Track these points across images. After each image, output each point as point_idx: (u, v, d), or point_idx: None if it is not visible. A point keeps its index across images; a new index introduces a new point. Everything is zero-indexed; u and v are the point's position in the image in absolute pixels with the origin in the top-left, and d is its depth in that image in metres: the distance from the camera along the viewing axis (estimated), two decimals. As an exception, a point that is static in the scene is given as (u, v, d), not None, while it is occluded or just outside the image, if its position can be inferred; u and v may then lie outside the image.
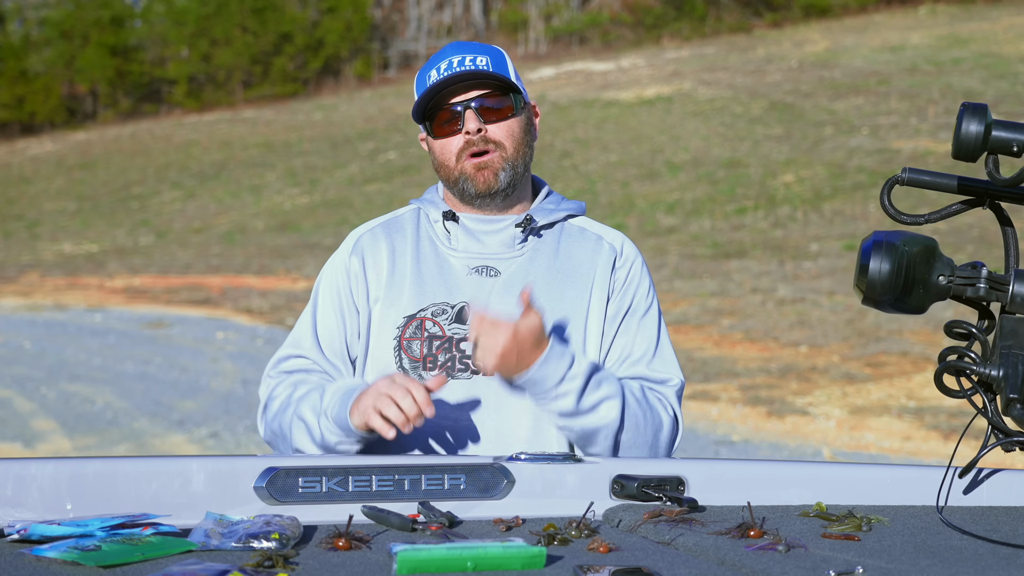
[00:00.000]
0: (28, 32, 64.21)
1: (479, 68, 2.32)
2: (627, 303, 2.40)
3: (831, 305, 15.02)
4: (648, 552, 1.76)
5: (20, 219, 34.75)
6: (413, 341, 2.33)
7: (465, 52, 2.36)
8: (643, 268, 2.44)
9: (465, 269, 2.36)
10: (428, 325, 2.33)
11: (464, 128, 2.32)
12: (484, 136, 2.32)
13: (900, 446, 9.06)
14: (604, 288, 2.38)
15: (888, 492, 2.11)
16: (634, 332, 2.39)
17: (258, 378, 11.72)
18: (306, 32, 59.25)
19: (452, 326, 2.33)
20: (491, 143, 2.32)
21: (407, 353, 2.32)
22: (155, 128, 50.39)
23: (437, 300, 2.34)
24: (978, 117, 1.88)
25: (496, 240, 2.37)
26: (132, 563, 1.64)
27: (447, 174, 2.37)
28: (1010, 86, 29.38)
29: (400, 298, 2.35)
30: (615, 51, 52.05)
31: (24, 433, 10.18)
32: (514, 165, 2.35)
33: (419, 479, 2.03)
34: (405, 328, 2.33)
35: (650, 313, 2.42)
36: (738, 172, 26.17)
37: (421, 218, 2.45)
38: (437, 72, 2.34)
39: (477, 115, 2.31)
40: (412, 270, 2.37)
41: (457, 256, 2.37)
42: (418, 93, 2.38)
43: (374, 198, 29.63)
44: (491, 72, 2.31)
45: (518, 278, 2.35)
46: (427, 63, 2.41)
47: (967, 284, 1.94)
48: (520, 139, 2.36)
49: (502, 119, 2.33)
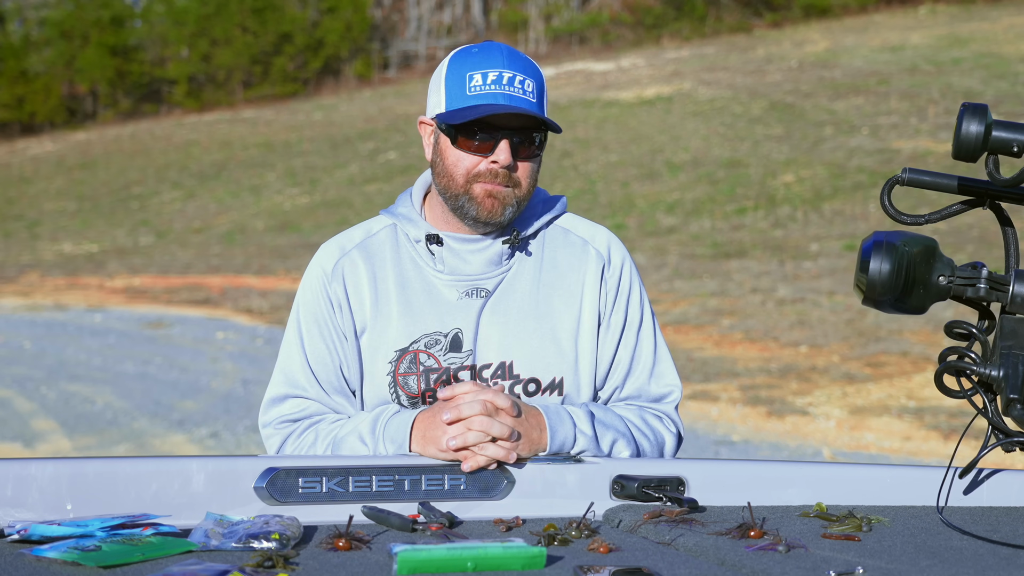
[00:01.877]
0: (28, 32, 64.21)
1: (528, 97, 2.21)
2: (622, 317, 2.35)
3: (831, 305, 15.02)
4: (648, 552, 1.76)
5: (20, 219, 34.76)
6: (409, 376, 2.25)
7: (516, 69, 2.22)
8: (632, 272, 2.39)
9: (455, 294, 2.27)
10: (423, 358, 2.25)
11: (493, 157, 2.21)
12: (508, 172, 2.22)
13: (900, 446, 9.06)
14: (594, 300, 2.32)
15: (888, 492, 2.11)
16: (632, 347, 2.36)
17: (259, 378, 11.65)
18: (306, 32, 59.25)
19: (447, 356, 2.26)
20: (512, 179, 2.23)
21: (404, 390, 2.25)
22: (155, 128, 50.40)
23: (429, 330, 2.25)
24: (978, 117, 1.87)
25: (482, 259, 2.29)
26: (132, 563, 1.64)
27: (450, 186, 2.25)
28: (1010, 86, 29.38)
29: (388, 330, 2.26)
30: (615, 51, 52.06)
31: (24, 433, 10.18)
32: (522, 203, 2.27)
33: (419, 479, 2.03)
34: (399, 363, 2.25)
35: (645, 322, 2.38)
36: (738, 172, 26.17)
37: (399, 237, 2.33)
38: (483, 80, 2.20)
39: (512, 149, 2.21)
40: (398, 298, 2.27)
41: (444, 280, 2.28)
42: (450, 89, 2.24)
43: (374, 198, 29.64)
44: (539, 115, 2.21)
45: (505, 296, 2.29)
46: (466, 57, 2.26)
47: (967, 284, 1.94)
48: (534, 181, 2.28)
49: (529, 157, 2.24)
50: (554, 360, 2.28)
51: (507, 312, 2.28)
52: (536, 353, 2.27)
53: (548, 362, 2.28)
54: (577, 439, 2.17)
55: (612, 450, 2.22)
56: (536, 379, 2.27)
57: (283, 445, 2.29)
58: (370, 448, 2.18)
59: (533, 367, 2.27)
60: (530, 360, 2.27)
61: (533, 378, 2.27)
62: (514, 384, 2.26)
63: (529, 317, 2.28)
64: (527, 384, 2.27)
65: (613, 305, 2.35)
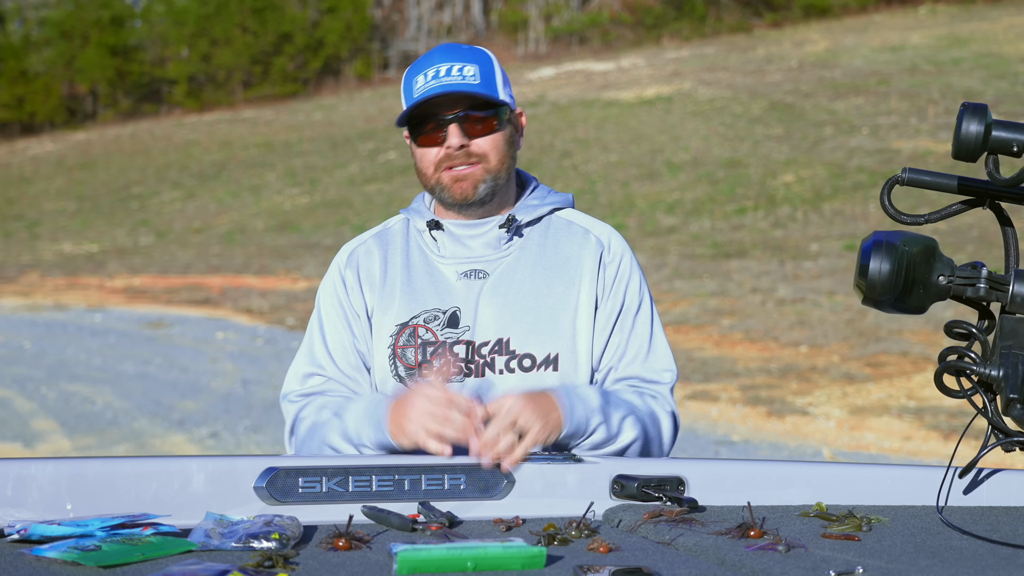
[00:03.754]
0: (28, 32, 64.23)
1: (466, 80, 2.32)
2: (619, 302, 2.41)
3: (831, 305, 15.02)
4: (648, 552, 1.76)
5: (20, 219, 34.76)
6: (407, 348, 2.35)
7: (453, 60, 2.35)
8: (632, 261, 2.45)
9: (454, 275, 2.38)
10: (421, 332, 2.35)
11: (446, 143, 2.33)
12: (466, 151, 2.33)
13: (900, 446, 9.06)
14: (592, 283, 2.39)
15: (888, 492, 2.11)
16: (628, 331, 2.41)
17: (259, 378, 11.67)
18: (306, 32, 59.27)
19: (445, 331, 2.35)
20: (474, 156, 2.34)
21: (402, 361, 2.35)
22: (155, 128, 50.40)
23: (428, 307, 2.36)
24: (978, 117, 1.87)
25: (481, 243, 2.40)
26: (132, 563, 1.64)
27: (425, 181, 2.41)
28: (1010, 86, 29.38)
29: (392, 307, 2.38)
30: (615, 51, 52.06)
31: (24, 433, 10.18)
32: (496, 177, 2.36)
33: (419, 479, 2.03)
34: (399, 336, 2.36)
35: (642, 309, 2.43)
36: (738, 172, 26.18)
37: (410, 228, 2.48)
38: (424, 78, 2.34)
39: (461, 130, 2.33)
40: (402, 279, 2.40)
41: (445, 263, 2.40)
42: (404, 97, 2.39)
43: (374, 198, 29.63)
44: (477, 92, 2.31)
45: (505, 278, 2.37)
46: (414, 65, 2.41)
47: (967, 284, 1.94)
48: (504, 151, 2.37)
49: (487, 133, 2.35)
50: (550, 337, 2.34)
51: (506, 292, 2.36)
52: (532, 329, 2.34)
53: (544, 338, 2.34)
54: (590, 418, 2.22)
55: (622, 426, 2.26)
56: (531, 354, 2.33)
57: (297, 418, 2.39)
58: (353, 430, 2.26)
59: (529, 343, 2.33)
60: (526, 336, 2.33)
61: (528, 353, 2.33)
62: (510, 359, 2.32)
63: (527, 297, 2.36)
64: (522, 359, 2.33)
65: (611, 290, 2.41)
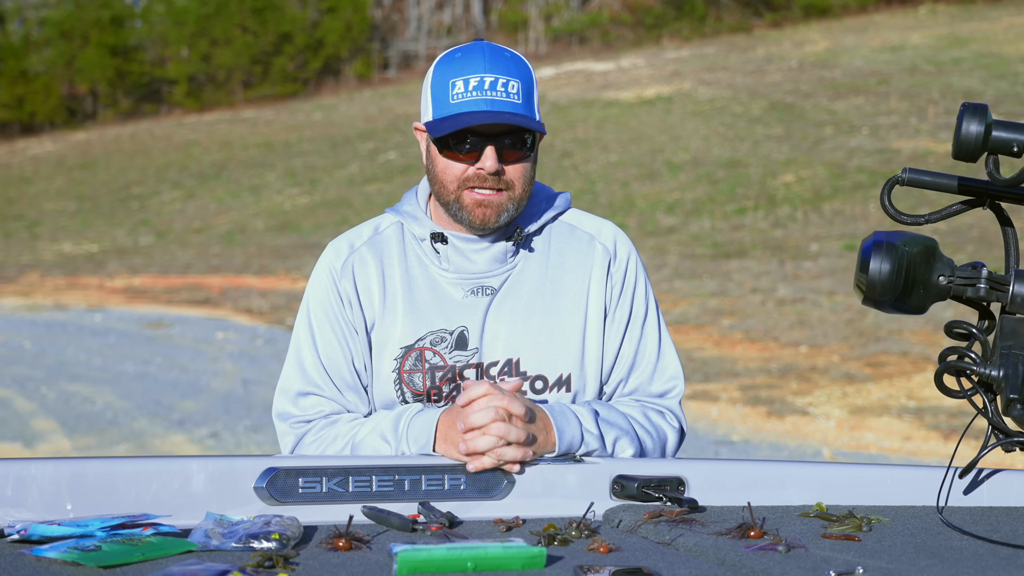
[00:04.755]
0: (28, 32, 64.20)
1: (510, 99, 2.19)
2: (627, 311, 2.36)
3: (831, 305, 15.02)
4: (648, 552, 1.76)
5: (20, 219, 34.75)
6: (414, 374, 2.26)
7: (498, 71, 2.20)
8: (638, 264, 2.39)
9: (460, 292, 2.28)
10: (428, 356, 2.26)
11: (480, 164, 2.21)
12: (497, 176, 2.21)
13: (900, 446, 9.06)
14: (601, 295, 2.32)
15: (888, 492, 2.11)
16: (637, 341, 2.36)
17: (258, 378, 11.65)
18: (306, 32, 59.24)
19: (453, 354, 2.26)
20: (503, 182, 2.22)
21: (409, 387, 2.26)
22: (155, 128, 50.39)
23: (434, 328, 2.26)
24: (978, 117, 1.87)
25: (486, 257, 2.29)
26: (132, 563, 1.64)
27: (442, 194, 2.26)
28: (1010, 86, 29.37)
29: (395, 327, 2.27)
30: (615, 51, 52.04)
31: (24, 433, 10.18)
32: (519, 205, 2.26)
33: (419, 479, 2.03)
34: (404, 360, 2.27)
35: (650, 316, 2.39)
36: (738, 172, 26.17)
37: (405, 235, 2.34)
38: (465, 86, 2.19)
39: (498, 154, 2.20)
40: (404, 295, 2.28)
41: (449, 278, 2.29)
42: (435, 98, 2.24)
43: (374, 198, 29.63)
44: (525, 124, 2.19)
45: (512, 293, 2.29)
46: (449, 61, 2.25)
47: (967, 284, 1.94)
48: (530, 178, 2.26)
49: (520, 160, 2.23)
50: (561, 357, 2.28)
51: (513, 309, 2.28)
52: (543, 350, 2.27)
53: (555, 359, 2.28)
54: (584, 438, 2.17)
55: (615, 448, 2.22)
56: (543, 376, 2.28)
57: (298, 444, 2.29)
58: (392, 447, 2.17)
59: (540, 364, 2.27)
60: (537, 357, 2.27)
61: (540, 375, 2.28)
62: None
63: (535, 314, 2.29)
64: (534, 381, 2.27)
65: (619, 300, 2.35)
